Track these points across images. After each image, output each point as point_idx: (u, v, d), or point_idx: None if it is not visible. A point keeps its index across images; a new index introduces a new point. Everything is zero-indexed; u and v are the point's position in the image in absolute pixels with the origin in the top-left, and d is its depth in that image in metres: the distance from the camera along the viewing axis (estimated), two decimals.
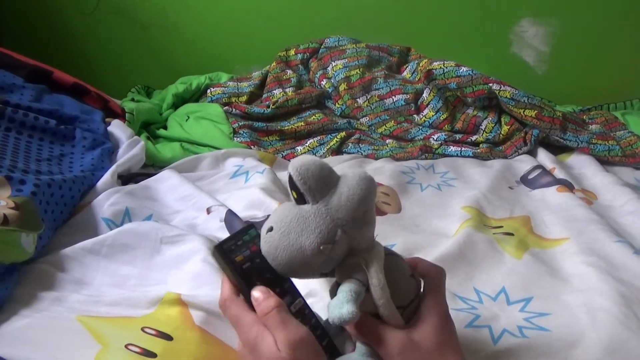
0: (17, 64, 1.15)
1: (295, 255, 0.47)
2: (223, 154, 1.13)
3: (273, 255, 0.48)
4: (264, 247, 0.49)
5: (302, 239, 0.47)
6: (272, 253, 0.48)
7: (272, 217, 0.50)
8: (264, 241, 0.49)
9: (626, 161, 1.21)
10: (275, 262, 0.48)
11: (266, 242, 0.49)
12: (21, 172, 0.79)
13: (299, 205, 0.49)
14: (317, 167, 0.47)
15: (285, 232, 0.48)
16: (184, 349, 0.57)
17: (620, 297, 0.67)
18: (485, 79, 1.29)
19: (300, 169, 0.47)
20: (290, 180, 0.48)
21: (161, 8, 1.95)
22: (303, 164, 0.47)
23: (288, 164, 1.17)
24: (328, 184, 0.48)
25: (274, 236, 0.48)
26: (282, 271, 0.49)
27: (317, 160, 0.48)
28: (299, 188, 0.48)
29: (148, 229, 0.77)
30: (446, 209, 0.96)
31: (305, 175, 0.47)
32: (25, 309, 0.61)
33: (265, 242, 0.49)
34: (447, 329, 0.50)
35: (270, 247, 0.48)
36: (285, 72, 1.53)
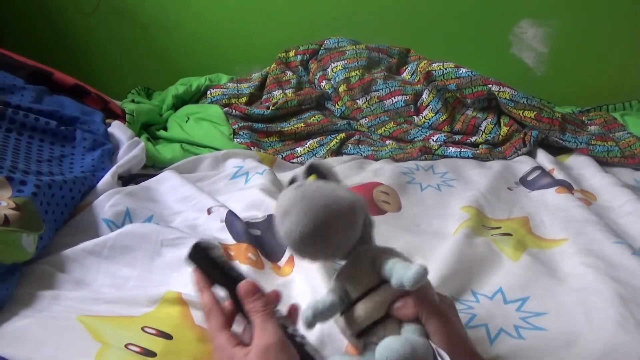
0: (17, 65, 1.16)
1: (330, 204, 0.47)
2: (223, 155, 1.13)
3: (307, 199, 0.46)
4: (291, 196, 0.47)
5: (337, 192, 0.48)
6: (305, 197, 0.46)
7: (293, 185, 0.49)
8: (292, 192, 0.47)
9: (625, 162, 1.21)
10: (305, 207, 0.46)
11: (296, 192, 0.47)
12: (22, 173, 0.79)
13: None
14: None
15: (320, 188, 0.48)
16: (183, 348, 0.57)
17: (617, 298, 0.67)
18: (484, 80, 1.29)
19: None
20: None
21: (161, 9, 1.96)
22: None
23: (287, 166, 1.17)
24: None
25: (306, 188, 0.47)
26: (308, 220, 0.46)
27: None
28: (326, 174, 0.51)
29: (148, 231, 0.77)
30: (446, 209, 0.97)
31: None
32: (25, 309, 0.62)
33: (295, 192, 0.47)
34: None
35: (303, 193, 0.47)
36: (285, 73, 1.53)
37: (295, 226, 0.46)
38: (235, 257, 0.77)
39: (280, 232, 0.48)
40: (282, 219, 0.47)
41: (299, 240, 0.47)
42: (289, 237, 0.47)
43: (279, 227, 0.48)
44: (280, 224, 0.47)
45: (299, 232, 0.46)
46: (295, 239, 0.47)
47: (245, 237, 0.80)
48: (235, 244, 0.80)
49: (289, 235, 0.47)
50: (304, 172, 0.53)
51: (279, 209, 0.47)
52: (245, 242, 0.79)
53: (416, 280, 0.44)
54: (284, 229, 0.47)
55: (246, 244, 0.79)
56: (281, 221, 0.47)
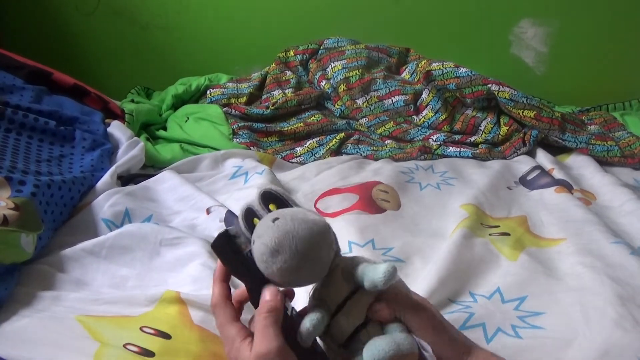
0: (16, 65, 1.16)
1: (313, 229, 0.48)
2: (222, 155, 1.13)
3: (292, 233, 0.47)
4: (275, 233, 0.47)
5: (309, 215, 0.49)
6: (290, 231, 0.47)
7: (266, 219, 0.49)
8: (274, 229, 0.47)
9: (625, 162, 1.21)
10: (293, 241, 0.47)
11: (278, 228, 0.47)
12: (21, 172, 0.79)
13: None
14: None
15: (296, 214, 0.48)
16: (182, 347, 0.57)
17: (615, 297, 0.67)
18: (484, 79, 1.29)
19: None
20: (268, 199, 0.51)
21: (161, 9, 1.96)
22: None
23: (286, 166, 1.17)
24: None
25: (285, 221, 0.47)
26: (300, 253, 0.47)
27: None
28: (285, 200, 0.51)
29: (148, 231, 0.77)
30: (445, 208, 0.97)
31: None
32: (25, 308, 0.62)
33: (278, 228, 0.47)
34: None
35: (285, 228, 0.47)
36: (285, 73, 1.53)
37: (289, 263, 0.47)
38: None
39: (269, 269, 0.48)
40: (272, 259, 0.47)
41: (293, 273, 0.47)
42: (283, 273, 0.47)
43: (267, 266, 0.48)
44: (270, 263, 0.47)
45: (293, 268, 0.47)
46: (289, 274, 0.47)
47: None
48: None
49: (282, 272, 0.47)
50: (260, 202, 0.52)
51: (264, 248, 0.47)
52: None
53: (387, 278, 0.46)
54: (276, 266, 0.47)
55: None
56: (270, 260, 0.47)
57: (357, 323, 0.49)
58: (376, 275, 0.46)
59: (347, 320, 0.49)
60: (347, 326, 0.49)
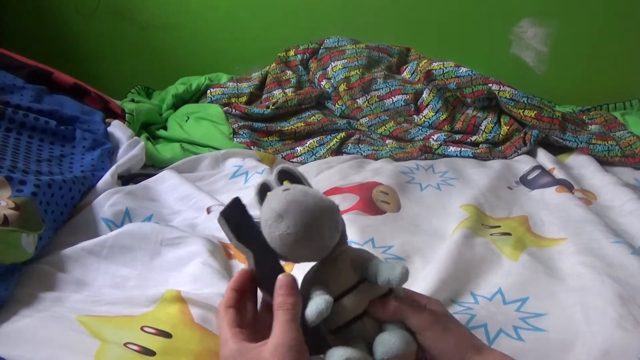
0: (17, 64, 1.16)
1: (320, 204, 0.49)
2: (223, 155, 1.13)
3: (298, 202, 0.48)
4: (283, 200, 0.48)
5: (320, 194, 0.50)
6: (297, 200, 0.48)
7: (277, 189, 0.51)
8: (282, 196, 0.49)
9: (626, 161, 1.21)
10: (298, 209, 0.48)
11: (287, 196, 0.49)
12: (21, 172, 0.79)
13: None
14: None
15: (307, 189, 0.50)
16: (182, 346, 0.57)
17: (616, 297, 0.67)
18: (484, 79, 1.29)
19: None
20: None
21: (161, 9, 1.96)
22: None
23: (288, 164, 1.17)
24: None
25: (294, 191, 0.49)
26: (303, 222, 0.48)
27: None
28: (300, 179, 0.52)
29: (148, 230, 0.77)
30: (445, 208, 0.96)
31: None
32: (25, 308, 0.61)
33: (286, 196, 0.49)
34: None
35: (294, 197, 0.48)
36: (285, 72, 1.53)
37: (292, 229, 0.48)
38: (235, 257, 0.77)
39: (272, 235, 0.49)
40: (276, 223, 0.48)
41: (294, 243, 0.48)
42: (284, 240, 0.48)
43: (271, 231, 0.49)
44: (274, 228, 0.48)
45: (294, 235, 0.48)
46: (290, 242, 0.48)
47: None
48: None
49: (284, 238, 0.48)
50: (276, 178, 0.54)
51: (271, 213, 0.49)
52: None
53: (402, 278, 0.48)
54: (278, 232, 0.48)
55: None
56: (274, 225, 0.48)
57: (358, 312, 0.50)
58: (393, 274, 0.48)
59: (349, 308, 0.50)
60: (346, 314, 0.50)
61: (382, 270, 0.49)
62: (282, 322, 0.46)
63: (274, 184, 0.54)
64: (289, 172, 0.54)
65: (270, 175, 0.54)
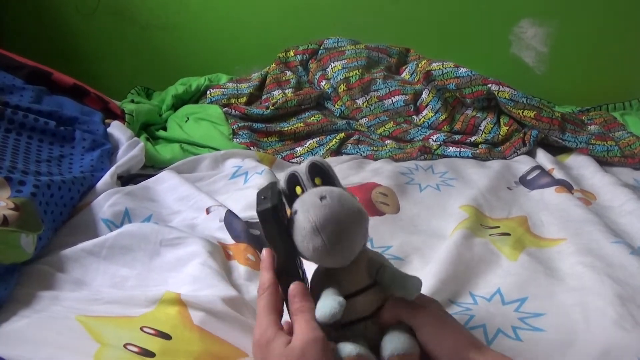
0: (16, 65, 1.16)
1: (357, 217, 0.50)
2: (222, 155, 1.13)
3: (338, 217, 0.48)
4: (322, 213, 0.48)
5: (354, 202, 0.51)
6: (336, 215, 0.48)
7: (313, 195, 0.50)
8: (321, 208, 0.48)
9: (625, 162, 1.21)
10: (338, 226, 0.48)
11: (326, 208, 0.48)
12: (21, 173, 0.79)
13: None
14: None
15: (343, 198, 0.50)
16: (182, 348, 0.57)
17: (615, 297, 0.67)
18: (484, 79, 1.29)
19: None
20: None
21: (161, 9, 1.96)
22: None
23: (286, 166, 1.17)
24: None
25: (332, 202, 0.49)
26: (340, 238, 0.48)
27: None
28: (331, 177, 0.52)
29: (148, 231, 0.77)
30: (445, 209, 0.96)
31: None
32: (24, 309, 0.61)
33: (325, 208, 0.48)
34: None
35: (332, 210, 0.48)
36: (285, 73, 1.53)
37: (328, 245, 0.48)
38: (234, 257, 0.77)
39: (305, 246, 0.49)
40: (311, 236, 0.48)
41: (325, 256, 0.49)
42: (318, 252, 0.49)
43: (305, 242, 0.49)
44: (308, 240, 0.49)
45: (330, 249, 0.49)
46: (322, 255, 0.49)
47: (244, 237, 0.80)
48: (234, 244, 0.80)
49: (318, 251, 0.49)
50: (307, 174, 0.53)
51: (306, 223, 0.48)
52: (245, 242, 0.79)
53: (418, 291, 0.51)
54: (312, 245, 0.49)
55: (245, 244, 0.79)
56: (309, 237, 0.49)
57: (364, 315, 0.52)
58: (411, 288, 0.51)
59: (358, 309, 0.51)
60: (353, 314, 0.51)
61: (399, 282, 0.51)
62: (306, 321, 0.48)
63: (304, 177, 0.53)
64: (320, 167, 0.54)
65: (300, 165, 0.54)
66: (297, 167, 0.54)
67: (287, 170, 0.54)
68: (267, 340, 0.48)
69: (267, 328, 0.49)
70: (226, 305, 0.63)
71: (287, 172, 0.54)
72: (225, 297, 0.64)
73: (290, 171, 0.54)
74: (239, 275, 0.74)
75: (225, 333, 0.60)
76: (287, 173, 0.54)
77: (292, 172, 0.54)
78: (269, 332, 0.48)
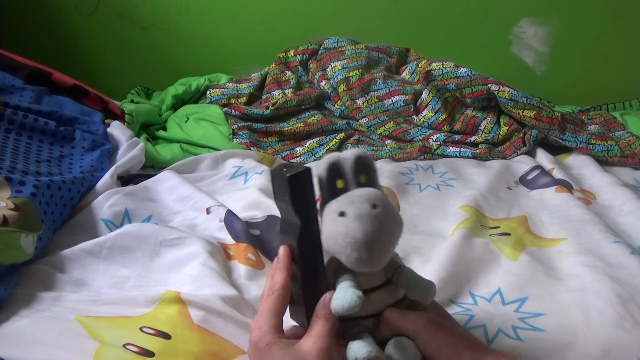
0: (16, 65, 1.16)
1: (398, 229, 0.49)
2: (222, 155, 1.13)
3: (387, 231, 0.47)
4: (374, 226, 0.47)
5: (396, 212, 0.49)
6: (386, 229, 0.47)
7: (364, 201, 0.48)
8: (373, 220, 0.47)
9: (625, 161, 1.21)
10: (386, 240, 0.48)
11: (378, 221, 0.47)
12: (21, 173, 0.79)
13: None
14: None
15: (391, 208, 0.49)
16: (182, 347, 0.57)
17: (615, 297, 0.67)
18: (484, 79, 1.29)
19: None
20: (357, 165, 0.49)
21: (161, 9, 1.96)
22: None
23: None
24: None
25: (384, 214, 0.47)
26: (383, 251, 0.48)
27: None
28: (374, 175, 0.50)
29: (148, 231, 0.77)
30: (445, 209, 0.96)
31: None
32: (24, 309, 0.61)
33: (377, 221, 0.47)
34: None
35: (383, 224, 0.47)
36: (285, 73, 1.53)
37: (371, 258, 0.48)
38: (235, 257, 0.77)
39: (344, 255, 0.48)
40: (359, 246, 0.47)
41: (363, 265, 0.48)
42: (357, 261, 0.48)
43: (344, 251, 0.47)
44: (349, 251, 0.47)
45: (370, 262, 0.48)
46: (360, 264, 0.48)
47: (244, 237, 0.80)
48: (234, 244, 0.80)
49: (357, 260, 0.48)
50: (353, 167, 0.50)
51: (361, 233, 0.46)
52: (245, 242, 0.79)
53: (434, 295, 0.51)
54: (357, 255, 0.47)
55: (245, 244, 0.79)
56: (351, 248, 0.47)
57: (373, 312, 0.51)
58: (426, 292, 0.50)
59: (369, 305, 0.50)
60: (365, 310, 0.50)
61: (414, 285, 0.51)
62: (323, 328, 0.47)
63: (350, 171, 0.50)
64: (367, 164, 0.51)
65: (345, 156, 0.50)
66: (338, 156, 0.50)
67: (328, 158, 0.50)
68: (267, 343, 0.47)
69: (268, 332, 0.48)
70: (226, 304, 0.63)
71: (329, 161, 0.50)
72: (224, 296, 0.64)
73: (333, 160, 0.50)
74: (239, 275, 0.74)
75: (225, 332, 0.60)
76: (329, 162, 0.50)
77: (334, 161, 0.50)
78: (269, 337, 0.47)
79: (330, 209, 0.49)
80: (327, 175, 0.50)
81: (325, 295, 0.49)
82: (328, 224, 0.49)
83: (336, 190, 0.50)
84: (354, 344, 0.48)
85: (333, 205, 0.49)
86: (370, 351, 0.47)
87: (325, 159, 0.50)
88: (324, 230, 0.50)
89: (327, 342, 0.47)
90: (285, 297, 0.50)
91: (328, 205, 0.50)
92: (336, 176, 0.50)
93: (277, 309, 0.50)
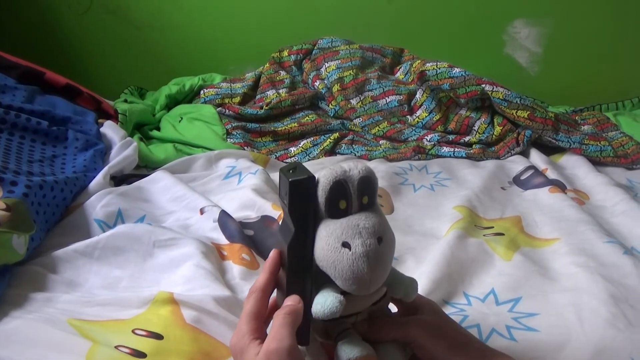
0: (8, 64, 1.15)
1: (393, 251, 0.50)
2: (216, 155, 1.13)
3: (389, 260, 0.48)
4: (378, 261, 0.47)
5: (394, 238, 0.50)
6: (388, 260, 0.48)
7: (370, 234, 0.47)
8: (378, 253, 0.47)
9: (618, 162, 1.21)
10: (384, 274, 0.48)
11: (379, 254, 0.47)
12: (13, 173, 0.78)
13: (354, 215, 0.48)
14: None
15: (392, 239, 0.49)
16: (174, 347, 0.57)
17: (609, 297, 0.68)
18: (478, 80, 1.29)
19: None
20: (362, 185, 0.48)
21: (155, 8, 1.95)
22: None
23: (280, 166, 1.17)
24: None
25: (385, 249, 0.48)
26: (376, 282, 0.48)
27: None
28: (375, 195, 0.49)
29: (141, 232, 0.76)
30: (439, 209, 0.97)
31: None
32: (16, 310, 0.61)
33: (381, 254, 0.47)
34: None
35: (386, 256, 0.48)
36: (279, 73, 1.53)
37: (374, 287, 0.48)
38: (229, 257, 0.77)
39: (347, 280, 0.47)
40: (363, 278, 0.47)
41: (364, 293, 0.48)
42: (359, 292, 0.48)
43: (351, 277, 0.47)
44: (356, 279, 0.47)
45: (372, 289, 0.48)
46: (361, 292, 0.48)
47: (238, 238, 0.80)
48: (228, 244, 0.79)
49: (359, 291, 0.48)
50: (357, 189, 0.47)
51: (366, 267, 0.46)
52: (239, 243, 0.79)
53: (416, 293, 0.53)
54: (358, 285, 0.47)
55: (240, 244, 0.78)
56: (359, 278, 0.46)
57: (358, 310, 0.51)
58: (409, 290, 0.52)
59: (354, 304, 0.50)
60: (348, 310, 0.50)
61: (398, 283, 0.51)
62: (277, 327, 0.46)
63: (354, 193, 0.48)
64: (370, 183, 0.49)
65: (349, 172, 0.48)
66: (343, 173, 0.47)
67: (333, 175, 0.47)
68: (241, 348, 0.47)
69: (244, 335, 0.47)
70: (219, 305, 0.63)
71: (334, 178, 0.47)
72: (217, 297, 0.64)
73: (338, 178, 0.47)
74: (234, 275, 0.73)
75: (218, 332, 0.60)
76: (334, 180, 0.47)
77: (339, 180, 0.47)
78: (244, 341, 0.47)
79: (330, 230, 0.47)
80: (329, 196, 0.47)
81: (292, 299, 0.49)
82: (328, 249, 0.47)
83: (337, 209, 0.48)
84: (344, 344, 0.48)
85: (335, 229, 0.47)
86: (360, 350, 0.48)
87: (330, 174, 0.47)
88: (319, 249, 0.48)
89: (279, 343, 0.45)
90: (263, 299, 0.50)
91: (327, 224, 0.48)
92: (340, 197, 0.47)
93: (253, 311, 0.49)
